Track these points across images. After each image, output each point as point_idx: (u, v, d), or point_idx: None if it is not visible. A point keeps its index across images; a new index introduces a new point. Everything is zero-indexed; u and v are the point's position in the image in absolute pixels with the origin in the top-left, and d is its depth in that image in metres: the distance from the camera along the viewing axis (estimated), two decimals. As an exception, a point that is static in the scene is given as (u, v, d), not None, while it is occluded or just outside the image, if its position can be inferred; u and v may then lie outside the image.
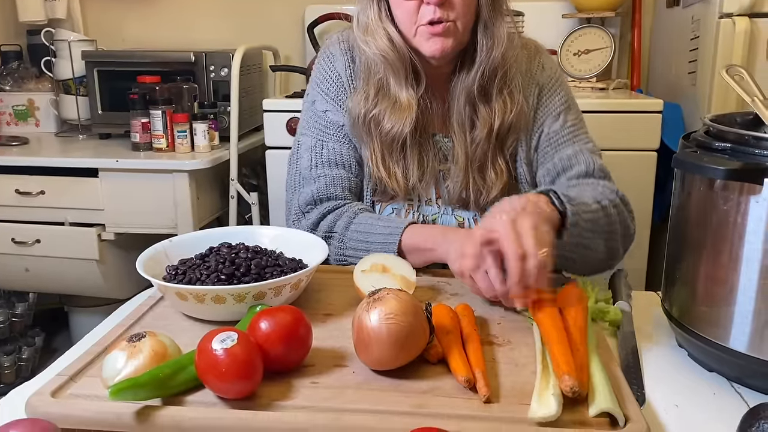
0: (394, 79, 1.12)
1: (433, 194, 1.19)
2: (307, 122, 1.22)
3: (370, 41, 1.11)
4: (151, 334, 0.76)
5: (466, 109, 1.13)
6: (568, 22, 2.38)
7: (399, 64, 1.11)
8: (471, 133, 1.14)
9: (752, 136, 0.76)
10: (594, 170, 1.14)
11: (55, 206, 2.09)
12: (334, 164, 1.18)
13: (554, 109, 1.18)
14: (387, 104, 1.12)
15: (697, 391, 0.80)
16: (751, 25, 1.70)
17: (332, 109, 1.19)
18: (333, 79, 1.20)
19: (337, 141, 1.19)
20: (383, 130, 1.13)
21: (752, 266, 0.75)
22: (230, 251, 0.97)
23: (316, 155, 1.18)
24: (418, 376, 0.76)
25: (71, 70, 2.34)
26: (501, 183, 1.15)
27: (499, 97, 1.13)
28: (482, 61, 1.10)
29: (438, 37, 1.06)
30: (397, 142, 1.14)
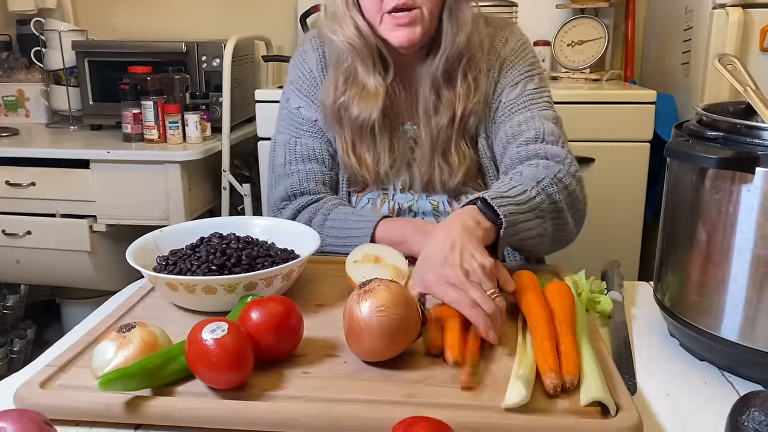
0: (361, 67, 1.12)
1: (407, 182, 1.20)
2: (282, 120, 1.25)
3: (338, 29, 1.12)
4: (141, 325, 0.76)
5: (431, 95, 1.14)
6: (561, 13, 2.37)
7: (366, 52, 1.11)
8: (435, 118, 1.14)
9: (744, 125, 0.76)
10: (544, 134, 1.10)
11: (46, 198, 2.08)
12: (308, 159, 1.19)
13: (513, 78, 1.17)
14: (355, 91, 1.13)
15: (688, 380, 0.80)
16: (745, 16, 1.70)
17: (305, 106, 1.21)
18: (306, 75, 1.22)
19: (310, 136, 1.20)
20: (351, 116, 1.14)
21: (744, 255, 0.75)
22: (221, 242, 0.96)
23: (290, 151, 1.20)
24: (410, 366, 0.76)
25: (62, 60, 2.32)
26: (465, 167, 1.15)
27: (463, 82, 1.13)
28: (447, 46, 1.10)
29: (404, 27, 1.06)
30: (366, 129, 1.14)
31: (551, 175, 1.02)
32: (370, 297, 0.75)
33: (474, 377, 0.72)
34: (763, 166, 0.72)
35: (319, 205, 1.17)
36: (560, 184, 1.02)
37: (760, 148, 0.73)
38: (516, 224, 0.93)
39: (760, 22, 1.72)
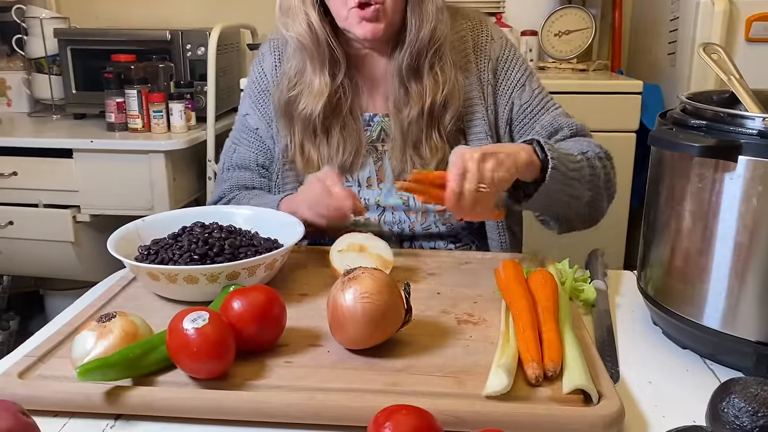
0: (309, 65, 1.12)
1: (374, 177, 1.18)
2: (235, 124, 1.28)
3: (289, 24, 1.11)
4: (121, 314, 0.75)
5: (399, 89, 1.13)
6: (549, 3, 2.36)
7: (314, 50, 1.10)
8: (405, 110, 1.13)
9: (727, 113, 0.76)
10: (578, 130, 1.16)
11: (29, 187, 2.05)
12: (241, 168, 1.23)
13: (517, 80, 1.18)
14: (302, 87, 1.13)
15: (670, 367, 0.80)
16: (730, 6, 1.71)
17: (251, 113, 1.23)
18: (259, 81, 1.22)
19: (247, 145, 1.23)
20: (297, 110, 1.13)
21: (726, 244, 0.75)
22: (203, 231, 0.95)
23: (228, 158, 1.25)
24: (393, 355, 0.76)
25: (44, 48, 2.28)
26: (437, 158, 1.14)
27: (429, 74, 1.12)
28: (411, 40, 1.09)
29: (368, 21, 1.06)
30: (310, 124, 1.14)
31: (595, 151, 1.10)
32: (355, 284, 0.75)
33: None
34: (745, 154, 0.72)
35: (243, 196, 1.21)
36: (602, 162, 1.10)
37: (742, 136, 0.73)
38: (560, 173, 0.98)
39: (745, 13, 1.72)
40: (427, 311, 0.87)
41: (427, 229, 1.16)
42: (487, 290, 0.93)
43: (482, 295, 0.92)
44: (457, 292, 0.92)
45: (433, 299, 0.91)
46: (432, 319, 0.85)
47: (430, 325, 0.83)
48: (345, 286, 0.75)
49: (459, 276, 0.99)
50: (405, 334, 0.80)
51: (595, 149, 1.11)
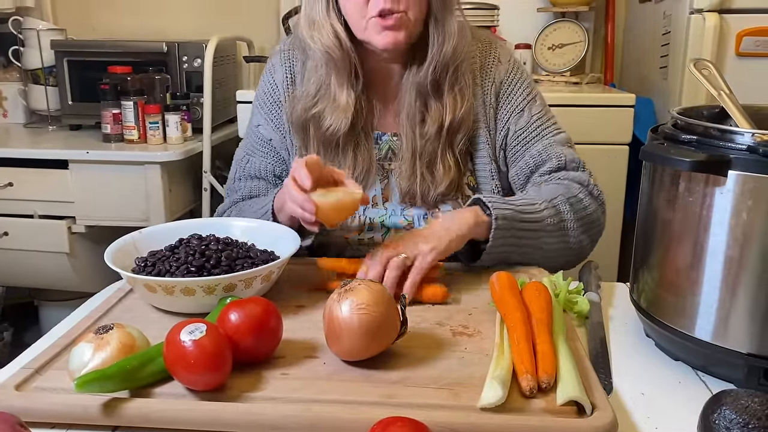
0: (335, 79, 1.11)
1: (380, 196, 1.18)
2: (246, 134, 1.27)
3: (316, 36, 1.10)
4: (118, 326, 0.75)
5: (416, 104, 1.12)
6: (542, 16, 2.39)
7: (342, 63, 1.10)
8: (420, 128, 1.13)
9: (718, 128, 0.78)
10: (566, 163, 1.15)
11: (24, 198, 2.05)
12: (254, 177, 1.22)
13: (517, 104, 1.17)
14: (326, 103, 1.12)
15: (663, 379, 0.81)
16: (721, 21, 1.73)
17: (264, 124, 1.22)
18: (271, 91, 1.21)
19: (262, 156, 1.22)
20: (321, 128, 1.12)
21: (717, 257, 0.77)
22: (200, 243, 0.96)
23: (241, 168, 1.24)
24: (389, 367, 0.76)
25: (40, 59, 2.29)
26: (449, 178, 1.14)
27: (450, 92, 1.12)
28: (434, 56, 1.09)
29: (390, 30, 1.04)
30: (333, 142, 1.14)
31: (569, 194, 1.09)
32: (351, 296, 0.76)
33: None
34: (735, 169, 0.73)
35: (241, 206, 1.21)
36: (577, 205, 1.09)
37: (732, 151, 0.74)
38: (509, 228, 0.99)
39: (736, 27, 1.75)
40: (422, 323, 0.88)
41: None
42: (481, 302, 0.94)
43: (477, 307, 0.93)
44: (451, 305, 0.93)
45: (428, 311, 0.92)
46: (427, 331, 0.86)
47: (425, 337, 0.84)
48: (341, 297, 0.76)
49: (453, 288, 1.00)
50: (400, 346, 0.80)
51: (573, 190, 1.10)
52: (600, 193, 1.15)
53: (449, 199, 1.16)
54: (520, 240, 1.03)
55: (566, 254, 1.10)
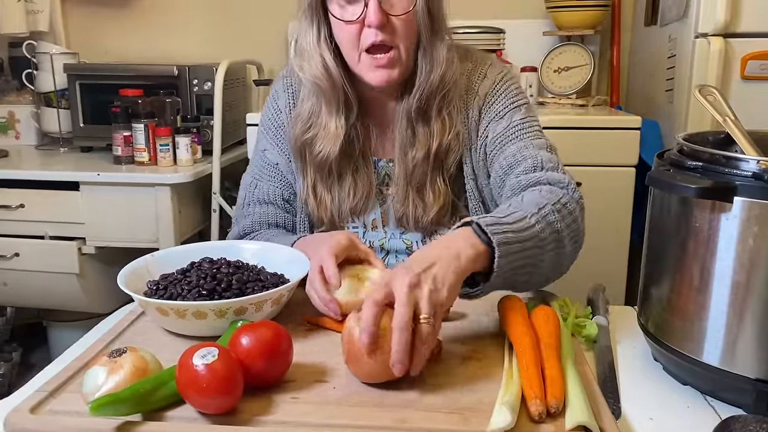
0: (325, 107, 1.13)
1: (379, 220, 1.19)
2: (252, 159, 1.28)
3: (305, 66, 1.12)
4: (131, 350, 0.76)
5: (407, 132, 1.14)
6: (548, 40, 2.42)
7: (331, 93, 1.11)
8: (411, 153, 1.14)
9: (723, 155, 0.79)
10: (542, 162, 1.07)
11: (35, 219, 2.08)
12: (264, 203, 1.23)
13: (497, 111, 1.14)
14: (318, 129, 1.14)
15: (671, 404, 0.82)
16: (726, 45, 1.75)
17: (270, 148, 1.23)
18: (275, 118, 1.23)
19: (269, 180, 1.23)
20: (313, 153, 1.14)
21: (724, 282, 0.77)
22: (212, 266, 0.97)
23: (249, 194, 1.24)
24: (399, 392, 0.77)
25: (53, 82, 2.33)
26: (439, 204, 1.14)
27: (437, 118, 1.13)
28: (421, 83, 1.10)
29: (383, 69, 1.06)
30: (326, 167, 1.15)
31: (554, 200, 0.97)
32: None
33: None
34: (741, 195, 0.74)
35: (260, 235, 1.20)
36: (564, 211, 0.97)
37: (738, 178, 0.75)
38: (511, 253, 0.86)
39: (740, 51, 1.76)
40: (431, 347, 0.88)
41: None
42: (491, 326, 0.94)
43: (486, 332, 0.93)
44: (460, 329, 0.94)
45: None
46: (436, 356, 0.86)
47: (433, 362, 0.84)
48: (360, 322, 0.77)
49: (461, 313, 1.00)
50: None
51: (557, 195, 0.99)
52: (580, 196, 1.04)
53: (444, 224, 1.17)
54: (519, 262, 0.89)
55: (557, 269, 0.98)
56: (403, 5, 1.05)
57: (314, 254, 1.00)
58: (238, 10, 2.61)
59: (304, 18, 1.11)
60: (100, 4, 2.66)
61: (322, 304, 0.95)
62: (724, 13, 1.72)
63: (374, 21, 1.02)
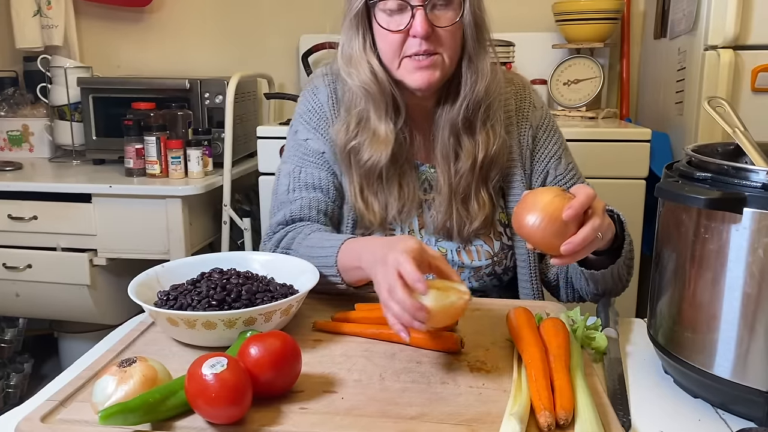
0: (374, 113, 1.13)
1: (415, 224, 1.19)
2: (289, 151, 1.24)
3: (353, 73, 1.12)
4: (141, 359, 0.77)
5: (450, 141, 1.14)
6: (557, 53, 2.42)
7: (380, 98, 1.11)
8: (455, 164, 1.15)
9: (732, 166, 0.78)
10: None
11: (48, 231, 2.10)
12: (312, 187, 1.18)
13: (554, 151, 1.21)
14: (366, 136, 1.13)
15: (682, 417, 0.81)
16: (735, 58, 1.74)
17: (313, 138, 1.21)
18: (316, 109, 1.21)
19: (316, 167, 1.20)
20: (361, 160, 1.14)
21: (734, 294, 0.77)
22: (221, 277, 0.97)
23: (294, 179, 1.19)
24: (407, 403, 0.77)
25: (66, 96, 2.36)
26: (483, 214, 1.15)
27: (482, 129, 1.14)
28: (467, 94, 1.11)
29: (425, 70, 1.07)
30: (374, 173, 1.15)
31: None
32: None
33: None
34: (750, 206, 0.74)
35: (303, 227, 1.14)
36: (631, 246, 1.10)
37: (747, 189, 0.75)
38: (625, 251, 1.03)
39: (751, 63, 1.76)
40: (439, 358, 0.88)
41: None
42: (499, 338, 0.94)
43: (495, 343, 0.93)
44: (469, 340, 0.93)
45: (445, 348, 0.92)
46: (445, 367, 0.86)
47: (442, 373, 0.84)
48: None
49: (471, 323, 1.00)
50: (418, 381, 0.81)
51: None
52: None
53: (482, 234, 1.18)
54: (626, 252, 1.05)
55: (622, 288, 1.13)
56: (449, 17, 1.06)
57: (380, 259, 0.87)
58: (250, 25, 2.64)
59: (349, 27, 1.12)
60: (113, 19, 2.69)
61: (409, 312, 0.80)
62: (733, 26, 1.72)
63: (420, 32, 1.03)
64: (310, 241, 1.09)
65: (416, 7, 1.04)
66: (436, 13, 1.05)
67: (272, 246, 1.16)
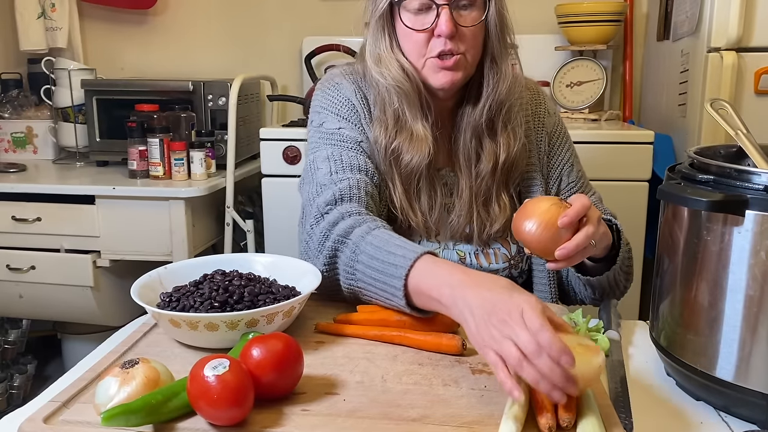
0: (409, 110, 1.11)
1: (433, 229, 1.18)
2: (319, 140, 1.16)
3: (385, 72, 1.11)
4: (144, 361, 0.77)
5: (472, 143, 1.13)
6: (560, 55, 2.42)
7: (413, 95, 1.10)
8: (476, 167, 1.14)
9: (734, 168, 0.78)
10: (610, 217, 1.16)
11: (51, 233, 2.10)
12: (357, 169, 1.11)
13: (567, 159, 1.24)
14: (405, 136, 1.11)
15: (684, 420, 0.81)
16: (738, 60, 1.74)
17: (346, 127, 1.15)
18: (343, 102, 1.16)
19: (356, 152, 1.13)
20: (403, 162, 1.12)
21: (736, 296, 0.77)
22: (224, 278, 0.98)
23: (335, 162, 1.11)
24: (409, 405, 0.77)
25: (70, 98, 2.36)
26: (504, 217, 1.15)
27: (503, 131, 1.14)
28: (489, 95, 1.11)
29: (448, 70, 1.07)
30: (415, 175, 1.13)
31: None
32: None
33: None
34: (752, 209, 0.74)
35: (367, 218, 1.03)
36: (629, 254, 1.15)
37: (749, 191, 0.75)
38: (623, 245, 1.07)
39: (753, 66, 1.75)
40: (441, 360, 0.88)
41: None
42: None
43: (496, 345, 0.93)
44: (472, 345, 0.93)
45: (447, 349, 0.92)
46: (447, 369, 0.86)
47: (444, 375, 0.84)
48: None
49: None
50: (420, 383, 0.81)
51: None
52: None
53: (500, 238, 1.18)
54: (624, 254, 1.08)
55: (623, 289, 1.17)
56: (473, 16, 1.07)
57: (491, 311, 0.75)
58: (253, 27, 2.65)
59: (376, 28, 1.12)
60: (117, 21, 2.70)
61: (560, 382, 0.68)
62: (736, 28, 1.72)
63: (446, 31, 1.03)
64: (376, 238, 0.97)
65: (441, 6, 1.04)
66: (461, 12, 1.06)
67: (325, 229, 1.03)
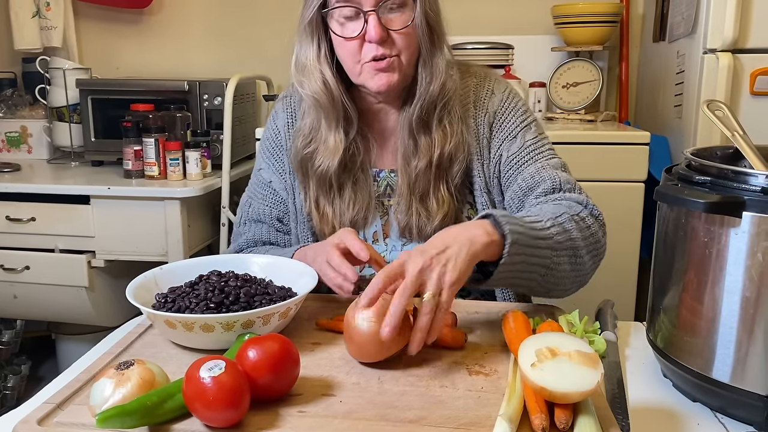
0: (324, 122, 1.15)
1: (380, 233, 1.20)
2: (250, 180, 1.31)
3: (305, 82, 1.14)
4: (139, 362, 0.76)
5: (409, 141, 1.15)
6: (556, 56, 2.43)
7: (330, 108, 1.13)
8: (413, 162, 1.15)
9: (731, 170, 0.79)
10: (560, 184, 1.11)
11: (46, 233, 2.09)
12: (257, 221, 1.26)
13: (510, 131, 1.17)
14: (317, 144, 1.16)
15: (681, 421, 0.81)
16: (734, 61, 1.75)
17: (265, 167, 1.26)
18: (274, 137, 1.25)
19: (262, 200, 1.26)
20: (314, 167, 1.16)
21: (733, 297, 0.77)
22: (220, 279, 0.97)
23: (245, 212, 1.28)
24: (405, 406, 0.77)
25: (65, 97, 2.36)
26: (443, 212, 1.15)
27: (438, 127, 1.14)
28: (422, 94, 1.12)
29: (383, 72, 1.08)
30: (326, 181, 1.16)
31: (572, 213, 1.03)
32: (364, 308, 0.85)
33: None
34: (749, 210, 0.74)
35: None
36: (581, 223, 1.03)
37: (746, 192, 0.75)
38: (523, 245, 0.92)
39: (749, 67, 1.76)
40: (438, 362, 0.88)
41: None
42: (497, 342, 0.94)
43: (493, 346, 0.93)
44: (467, 343, 0.93)
45: (444, 351, 0.92)
46: (443, 370, 0.86)
47: (441, 377, 0.84)
48: (356, 307, 0.86)
49: (469, 327, 1.00)
50: (416, 384, 0.81)
51: (575, 209, 1.04)
52: (599, 213, 1.10)
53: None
54: (530, 258, 0.95)
55: (573, 277, 1.02)
56: (402, 20, 1.07)
57: (320, 249, 1.05)
58: (249, 27, 2.64)
59: (304, 35, 1.13)
60: (112, 21, 2.69)
61: (337, 277, 0.99)
62: (732, 29, 1.72)
63: (374, 36, 1.04)
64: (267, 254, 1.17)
65: (368, 13, 1.05)
66: (390, 16, 1.06)
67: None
